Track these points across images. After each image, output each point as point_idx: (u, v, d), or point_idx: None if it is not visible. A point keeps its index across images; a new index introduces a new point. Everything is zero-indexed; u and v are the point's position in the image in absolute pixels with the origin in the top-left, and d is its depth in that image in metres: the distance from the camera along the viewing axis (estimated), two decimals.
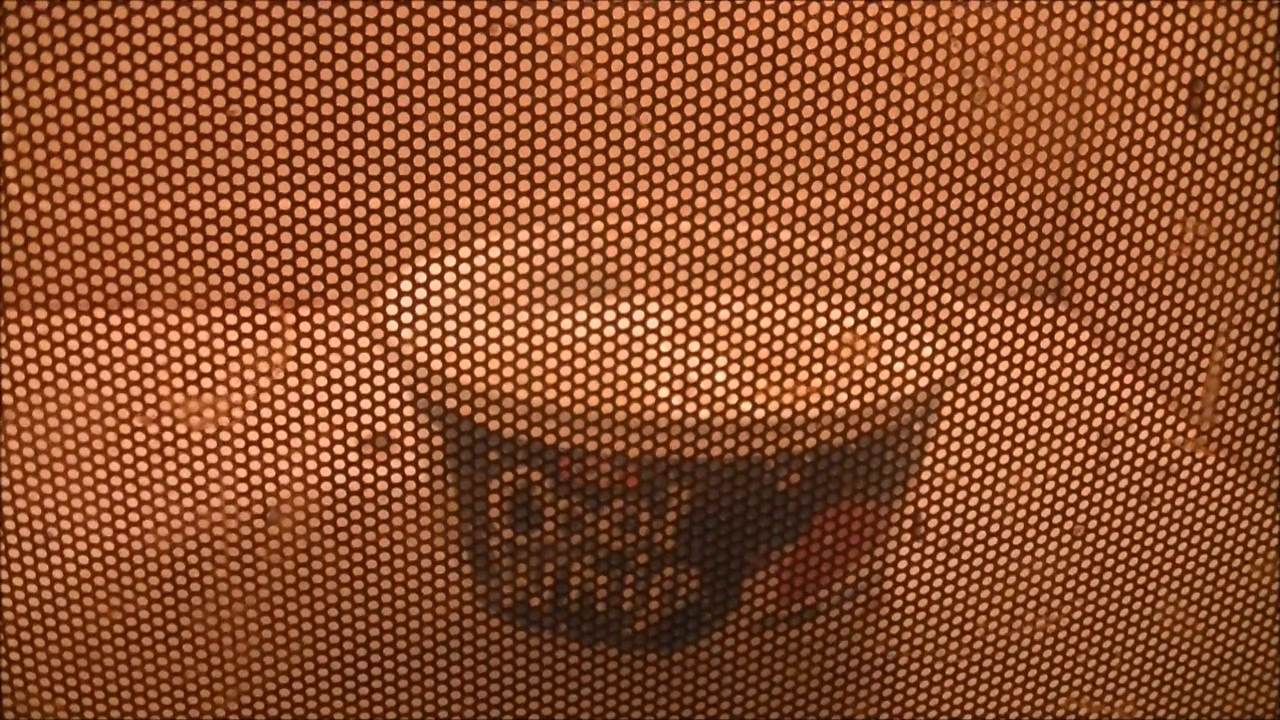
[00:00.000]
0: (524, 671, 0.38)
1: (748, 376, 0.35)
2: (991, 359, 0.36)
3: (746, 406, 0.36)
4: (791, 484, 0.38)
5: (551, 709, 0.38)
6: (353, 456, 0.35)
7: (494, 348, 0.35)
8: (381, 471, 0.36)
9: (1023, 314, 0.36)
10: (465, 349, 0.35)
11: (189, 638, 0.38)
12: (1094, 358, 0.38)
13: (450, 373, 0.36)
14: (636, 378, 0.35)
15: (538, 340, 0.36)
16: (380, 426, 0.35)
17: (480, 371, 0.35)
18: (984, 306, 0.35)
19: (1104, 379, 0.37)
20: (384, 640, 0.37)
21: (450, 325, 0.34)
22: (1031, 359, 0.36)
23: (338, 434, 0.35)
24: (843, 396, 0.36)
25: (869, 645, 0.41)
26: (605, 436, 0.37)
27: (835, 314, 0.35)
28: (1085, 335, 0.38)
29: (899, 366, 0.37)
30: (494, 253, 0.37)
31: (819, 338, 0.35)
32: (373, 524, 0.36)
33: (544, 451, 0.38)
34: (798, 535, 0.39)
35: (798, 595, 0.41)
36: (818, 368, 0.35)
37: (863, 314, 0.36)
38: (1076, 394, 0.37)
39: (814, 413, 0.37)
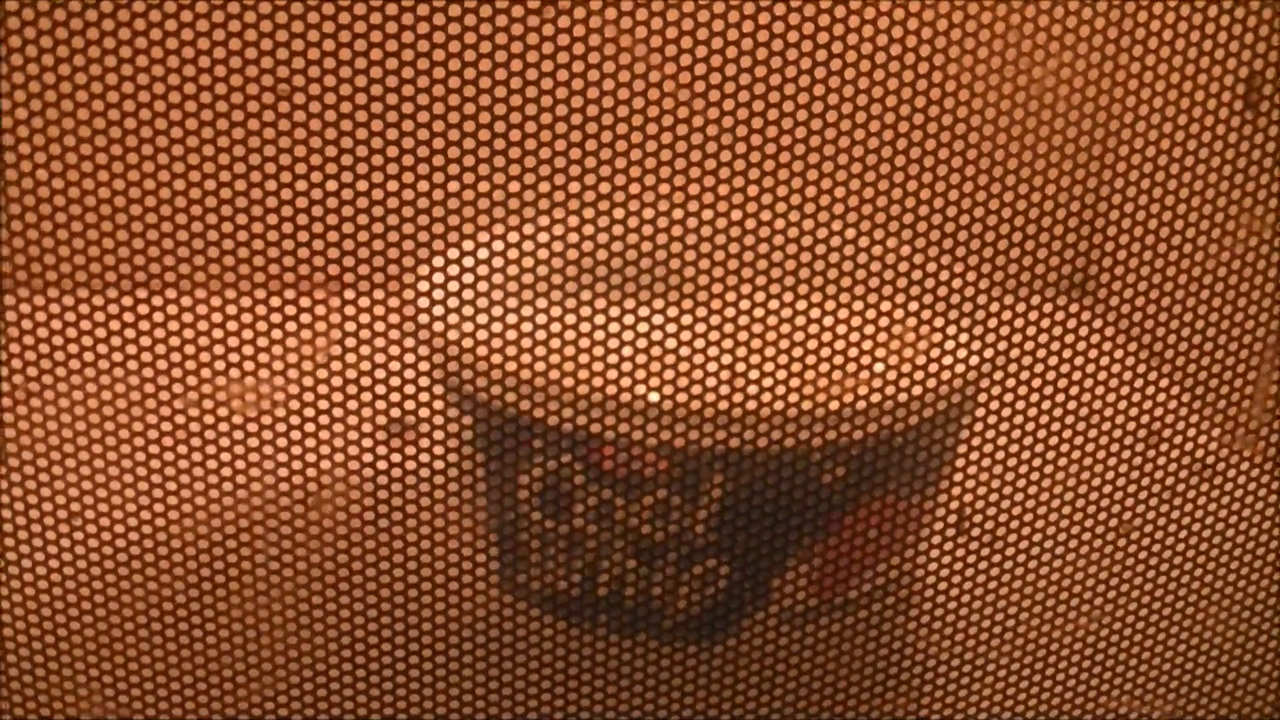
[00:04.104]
0: (556, 660, 0.38)
1: (795, 369, 0.35)
2: (1036, 352, 0.35)
3: (793, 399, 0.35)
4: (830, 477, 0.38)
5: (583, 698, 0.38)
6: (384, 442, 0.35)
7: (539, 334, 0.35)
8: (413, 457, 0.35)
9: (1059, 309, 0.35)
10: (501, 334, 0.34)
11: (208, 631, 0.37)
12: (1141, 357, 0.38)
13: (485, 357, 0.36)
14: (671, 362, 0.35)
15: (581, 327, 0.35)
16: (411, 412, 0.35)
17: (520, 358, 0.35)
18: (1028, 301, 0.35)
19: (1142, 373, 0.37)
20: (413, 628, 0.37)
21: (489, 310, 0.34)
22: (1076, 353, 0.36)
23: (368, 419, 0.34)
24: (889, 390, 0.36)
25: (902, 640, 0.40)
26: (641, 424, 0.36)
27: (873, 308, 0.35)
28: (1120, 335, 0.38)
29: (942, 360, 0.37)
30: (539, 236, 0.36)
31: (867, 330, 0.34)
32: (404, 510, 0.35)
33: (584, 439, 0.38)
34: (833, 529, 0.39)
35: (832, 589, 0.40)
36: (865, 360, 0.35)
37: (900, 308, 0.36)
38: (1123, 390, 0.36)
39: (855, 406, 0.37)
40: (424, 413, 0.35)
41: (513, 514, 0.40)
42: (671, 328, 0.34)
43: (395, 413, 0.34)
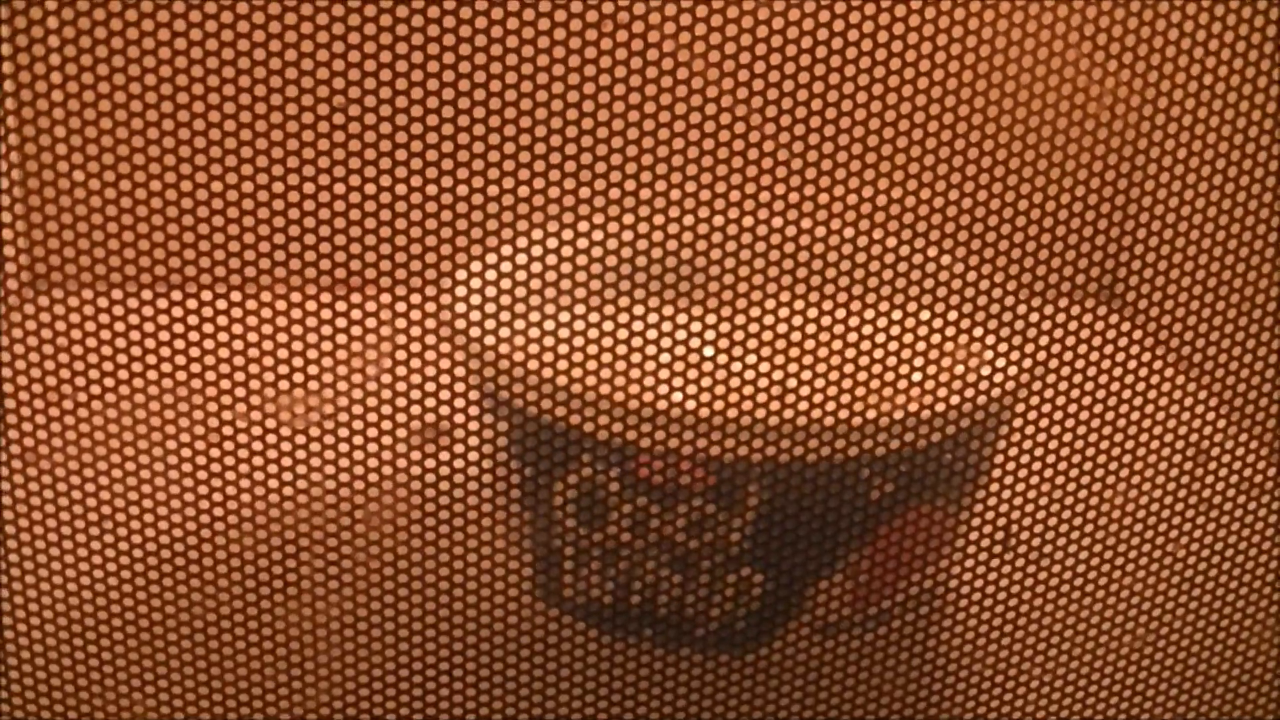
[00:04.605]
0: (590, 670, 0.37)
1: (834, 379, 0.34)
2: (1074, 361, 0.35)
3: (832, 409, 0.35)
4: (868, 488, 0.38)
5: (616, 708, 0.38)
6: (418, 451, 0.34)
7: (576, 340, 0.34)
8: (448, 466, 0.35)
9: (1091, 312, 0.35)
10: (539, 340, 0.34)
11: (223, 638, 0.37)
12: (1171, 361, 0.37)
13: (522, 365, 0.35)
14: (716, 373, 0.35)
15: (619, 334, 0.35)
16: (447, 419, 0.34)
17: (558, 365, 0.35)
18: (1060, 307, 0.35)
19: (1181, 384, 0.37)
20: (448, 638, 0.37)
21: (527, 315, 0.34)
22: (1111, 360, 0.35)
23: (403, 425, 0.34)
24: (928, 400, 0.36)
25: (938, 651, 0.40)
26: (685, 435, 0.36)
27: (912, 317, 0.34)
28: (1152, 341, 0.38)
29: (980, 369, 0.37)
30: (578, 241, 0.36)
31: (906, 339, 0.34)
32: (439, 520, 0.35)
33: (622, 448, 0.37)
34: (871, 539, 0.39)
35: (868, 599, 0.40)
36: (903, 370, 0.34)
37: (939, 317, 0.35)
38: (1163, 402, 0.36)
39: (894, 416, 0.36)
40: (460, 419, 0.34)
41: (549, 522, 0.40)
42: (711, 336, 0.34)
43: (430, 418, 0.34)
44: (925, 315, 0.35)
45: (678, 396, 0.34)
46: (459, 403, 0.34)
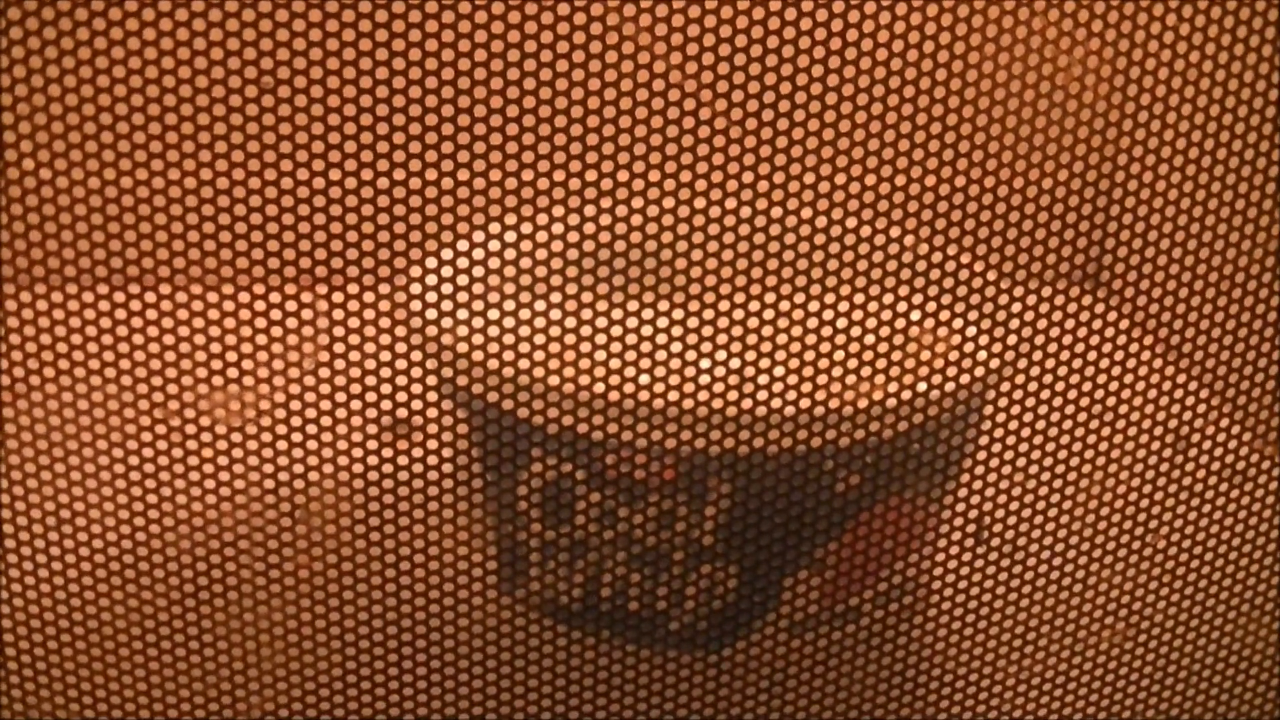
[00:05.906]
0: (556, 670, 0.37)
1: (801, 369, 0.34)
2: (1050, 348, 0.34)
3: (799, 400, 0.34)
4: (836, 480, 0.37)
5: (583, 709, 0.37)
6: (377, 446, 0.34)
7: (528, 332, 0.34)
8: (407, 462, 0.34)
9: (1074, 301, 0.34)
10: (499, 334, 0.33)
11: (204, 638, 0.37)
12: (1154, 347, 0.37)
13: (482, 358, 0.35)
14: (675, 364, 0.34)
15: (574, 325, 0.34)
16: (406, 414, 0.34)
17: (514, 358, 0.34)
18: (1041, 294, 0.34)
19: (1161, 369, 0.36)
20: (411, 636, 0.36)
21: (483, 308, 0.33)
22: (1092, 348, 0.35)
23: (362, 422, 0.33)
24: (899, 390, 0.35)
25: (912, 647, 0.39)
26: (644, 428, 0.35)
27: (880, 303, 0.34)
28: (1137, 329, 0.37)
29: (952, 357, 0.36)
30: (534, 232, 0.35)
31: (874, 327, 0.33)
32: (399, 516, 0.34)
33: (579, 443, 0.37)
34: (841, 533, 0.38)
35: (840, 595, 0.39)
36: (873, 359, 0.34)
37: (909, 303, 0.35)
38: (1144, 388, 0.35)
39: (860, 405, 0.36)
40: (421, 416, 0.34)
41: (513, 521, 0.39)
42: (673, 327, 0.33)
43: (390, 407, 0.33)
44: (889, 300, 0.34)
45: (629, 388, 0.34)
46: (417, 390, 0.33)
